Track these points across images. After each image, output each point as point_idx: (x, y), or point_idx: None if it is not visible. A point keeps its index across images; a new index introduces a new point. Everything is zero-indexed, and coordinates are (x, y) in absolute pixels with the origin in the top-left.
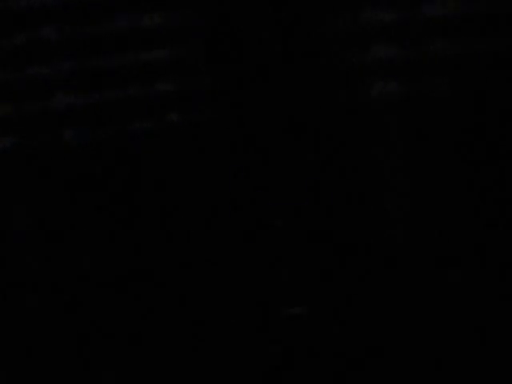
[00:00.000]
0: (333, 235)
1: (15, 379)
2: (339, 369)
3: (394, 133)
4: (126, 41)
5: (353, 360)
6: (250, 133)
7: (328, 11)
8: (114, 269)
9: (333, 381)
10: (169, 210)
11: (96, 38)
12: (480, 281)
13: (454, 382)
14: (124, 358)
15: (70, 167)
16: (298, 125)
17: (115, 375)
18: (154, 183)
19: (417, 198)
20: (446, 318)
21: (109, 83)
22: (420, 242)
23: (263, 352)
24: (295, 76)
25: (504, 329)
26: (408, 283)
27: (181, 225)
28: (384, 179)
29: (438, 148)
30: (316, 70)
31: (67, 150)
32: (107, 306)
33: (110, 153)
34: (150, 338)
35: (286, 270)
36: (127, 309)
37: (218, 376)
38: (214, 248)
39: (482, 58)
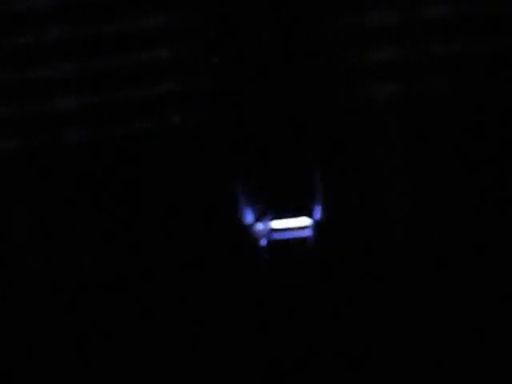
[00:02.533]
0: (331, 235)
1: (15, 379)
2: (339, 369)
3: (394, 133)
4: (126, 41)
5: (353, 360)
6: (250, 133)
7: (328, 11)
8: (114, 269)
9: (333, 381)
10: (169, 210)
11: (96, 38)
12: (480, 281)
13: (454, 381)
14: (124, 358)
15: (70, 167)
16: (298, 125)
17: (115, 375)
18: (154, 183)
19: (417, 197)
20: (446, 318)
21: (109, 83)
22: (420, 242)
23: (263, 352)
24: (295, 76)
25: (504, 329)
26: (408, 283)
27: (181, 225)
28: (384, 179)
29: (438, 148)
30: (316, 70)
31: (67, 149)
32: (107, 306)
33: (110, 153)
34: (149, 337)
35: (286, 270)
36: (127, 309)
37: (217, 375)
38: (213, 248)
39: (482, 58)
